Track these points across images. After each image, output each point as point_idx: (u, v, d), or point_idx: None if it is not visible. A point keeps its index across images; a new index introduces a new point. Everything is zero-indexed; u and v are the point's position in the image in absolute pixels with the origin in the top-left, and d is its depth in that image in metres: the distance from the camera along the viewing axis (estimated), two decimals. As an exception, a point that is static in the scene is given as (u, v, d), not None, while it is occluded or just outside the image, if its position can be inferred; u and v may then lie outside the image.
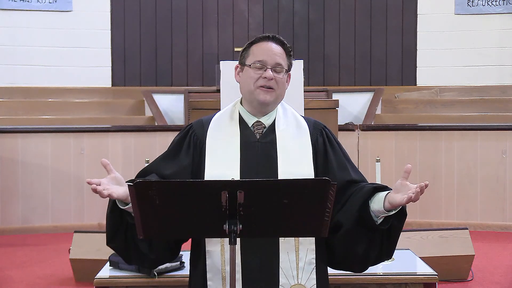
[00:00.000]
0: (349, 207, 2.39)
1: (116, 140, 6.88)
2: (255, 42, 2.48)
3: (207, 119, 2.53)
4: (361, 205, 2.35)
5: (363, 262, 2.46)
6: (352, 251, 2.41)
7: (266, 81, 2.41)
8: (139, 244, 2.37)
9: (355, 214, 2.36)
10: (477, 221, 6.74)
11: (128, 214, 2.31)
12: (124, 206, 2.29)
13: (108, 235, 2.39)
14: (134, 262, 2.51)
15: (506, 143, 6.75)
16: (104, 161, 2.27)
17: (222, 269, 2.37)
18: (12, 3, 8.29)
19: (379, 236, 2.39)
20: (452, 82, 8.66)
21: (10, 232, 6.65)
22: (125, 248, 2.40)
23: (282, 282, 2.37)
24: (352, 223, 2.37)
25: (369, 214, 2.35)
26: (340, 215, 2.39)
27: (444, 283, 4.63)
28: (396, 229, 2.39)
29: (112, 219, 2.36)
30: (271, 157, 2.42)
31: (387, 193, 2.32)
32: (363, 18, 8.83)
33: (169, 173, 2.42)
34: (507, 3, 8.56)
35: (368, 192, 2.37)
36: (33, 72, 8.37)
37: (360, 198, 2.37)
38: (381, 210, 2.32)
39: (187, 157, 2.46)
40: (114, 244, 2.41)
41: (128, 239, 2.36)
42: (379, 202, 2.32)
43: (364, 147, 6.81)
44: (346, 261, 2.48)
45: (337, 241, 2.41)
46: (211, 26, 8.77)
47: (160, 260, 2.50)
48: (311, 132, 2.50)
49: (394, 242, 2.43)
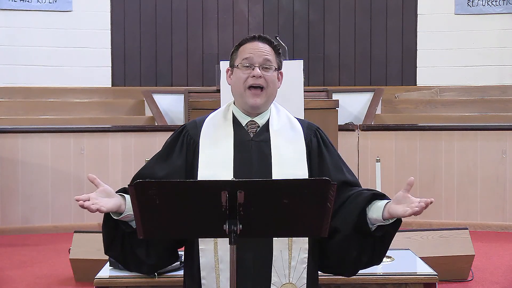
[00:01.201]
0: (347, 213, 2.39)
1: (116, 140, 6.87)
2: (242, 43, 2.49)
3: (201, 120, 2.53)
4: (359, 212, 2.35)
5: (354, 267, 2.47)
6: (346, 256, 2.41)
7: (255, 80, 2.41)
8: (136, 251, 2.38)
9: (353, 221, 2.36)
10: (477, 221, 6.74)
11: (123, 223, 2.31)
12: (118, 217, 2.29)
13: (105, 245, 2.40)
14: (133, 269, 2.52)
15: (506, 143, 6.75)
16: (90, 176, 2.27)
17: (216, 267, 2.37)
18: (12, 3, 8.29)
19: (371, 242, 2.39)
20: (452, 82, 8.66)
21: (10, 232, 6.65)
22: (123, 256, 2.41)
23: (274, 280, 2.37)
24: (349, 230, 2.37)
25: (365, 221, 2.34)
26: (337, 220, 2.38)
27: (444, 283, 4.62)
28: (390, 236, 2.40)
29: (107, 230, 2.37)
30: (265, 155, 2.42)
31: (386, 202, 2.32)
32: (363, 18, 8.83)
33: (162, 175, 2.41)
34: (507, 3, 8.56)
35: (367, 199, 2.37)
36: (33, 72, 8.37)
37: (359, 205, 2.36)
38: (379, 219, 2.31)
39: (180, 157, 2.45)
40: (111, 253, 2.43)
41: (125, 247, 2.37)
42: (377, 211, 2.32)
43: (364, 147, 6.81)
44: (338, 266, 2.48)
45: (332, 246, 2.41)
46: (211, 26, 8.77)
47: (158, 265, 2.52)
48: (305, 133, 2.50)
49: (386, 247, 2.43)
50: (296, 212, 2.08)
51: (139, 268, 2.46)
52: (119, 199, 2.28)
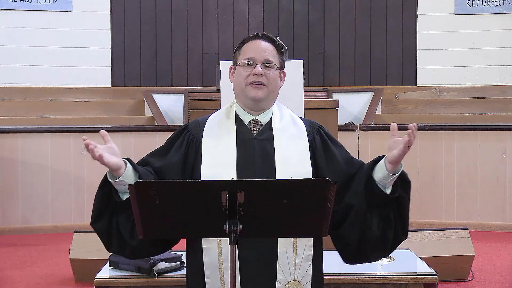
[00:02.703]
0: (355, 187, 2.38)
1: (116, 140, 6.75)
2: (245, 41, 2.49)
3: (203, 119, 2.54)
4: (366, 181, 2.35)
5: (381, 246, 2.41)
6: (368, 234, 2.37)
7: (256, 77, 2.41)
8: (121, 230, 2.34)
9: (362, 192, 2.35)
10: (477, 221, 6.74)
11: (116, 191, 2.29)
12: (114, 179, 2.27)
13: (93, 214, 2.37)
14: (114, 248, 2.43)
15: (506, 143, 6.75)
16: (102, 132, 2.30)
17: (220, 265, 2.37)
18: (12, 3, 8.29)
19: (390, 214, 2.36)
20: (452, 82, 8.66)
21: (10, 232, 6.65)
22: (108, 232, 2.37)
23: (279, 278, 2.37)
24: (361, 201, 2.35)
25: (377, 187, 2.33)
26: (348, 197, 2.37)
27: (444, 283, 4.62)
28: (404, 202, 2.38)
29: (101, 196, 2.34)
30: (268, 154, 2.42)
31: (385, 157, 2.33)
32: (363, 18, 8.83)
33: (157, 166, 2.43)
34: (507, 3, 8.56)
35: (369, 167, 2.37)
36: (33, 72, 8.37)
37: (364, 175, 2.37)
38: (386, 175, 2.31)
39: (177, 155, 2.45)
40: (97, 225, 2.37)
41: (112, 222, 2.35)
42: (381, 169, 2.32)
43: (364, 147, 6.81)
44: (363, 249, 2.41)
45: (349, 227, 2.38)
46: (211, 26, 8.77)
47: (140, 250, 2.42)
48: (308, 131, 2.49)
49: (406, 217, 2.40)
50: (296, 212, 2.08)
51: (121, 248, 2.40)
52: (122, 161, 2.28)
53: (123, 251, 2.43)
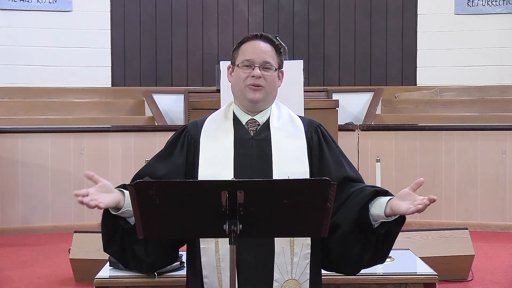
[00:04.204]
0: (348, 209, 2.37)
1: (116, 140, 6.87)
2: (244, 41, 2.49)
3: (202, 120, 2.54)
4: (361, 208, 2.33)
5: (356, 265, 2.44)
6: (347, 253, 2.39)
7: (254, 80, 2.42)
8: (135, 249, 2.37)
9: (354, 217, 2.34)
10: (477, 221, 6.74)
11: (122, 219, 2.30)
12: (116, 212, 2.28)
13: (104, 242, 2.39)
14: (132, 267, 2.50)
15: (506, 143, 6.75)
16: (88, 174, 2.27)
17: (217, 265, 2.37)
18: (12, 3, 8.29)
19: (374, 240, 2.37)
20: (452, 82, 8.66)
21: (10, 232, 6.65)
22: (122, 254, 2.40)
23: (277, 277, 2.37)
24: (350, 226, 2.35)
25: (368, 217, 2.33)
26: (339, 216, 2.37)
27: (444, 283, 4.62)
28: (393, 234, 2.37)
29: (106, 226, 2.36)
30: (266, 154, 2.42)
31: (389, 198, 2.30)
32: (363, 18, 8.83)
33: (162, 174, 2.41)
34: (507, 3, 8.56)
35: (369, 195, 2.35)
36: (33, 72, 8.37)
37: (361, 201, 2.34)
38: (381, 216, 2.29)
39: (180, 157, 2.46)
40: (110, 250, 2.42)
41: (124, 244, 2.37)
42: (380, 207, 2.30)
43: (364, 147, 6.81)
44: (340, 263, 2.46)
45: (333, 243, 2.40)
46: (211, 26, 8.77)
47: (157, 264, 2.50)
48: (306, 130, 2.49)
49: (390, 246, 2.40)
50: (296, 212, 2.08)
51: (138, 266, 2.45)
52: (118, 194, 2.28)
53: (140, 268, 2.49)
